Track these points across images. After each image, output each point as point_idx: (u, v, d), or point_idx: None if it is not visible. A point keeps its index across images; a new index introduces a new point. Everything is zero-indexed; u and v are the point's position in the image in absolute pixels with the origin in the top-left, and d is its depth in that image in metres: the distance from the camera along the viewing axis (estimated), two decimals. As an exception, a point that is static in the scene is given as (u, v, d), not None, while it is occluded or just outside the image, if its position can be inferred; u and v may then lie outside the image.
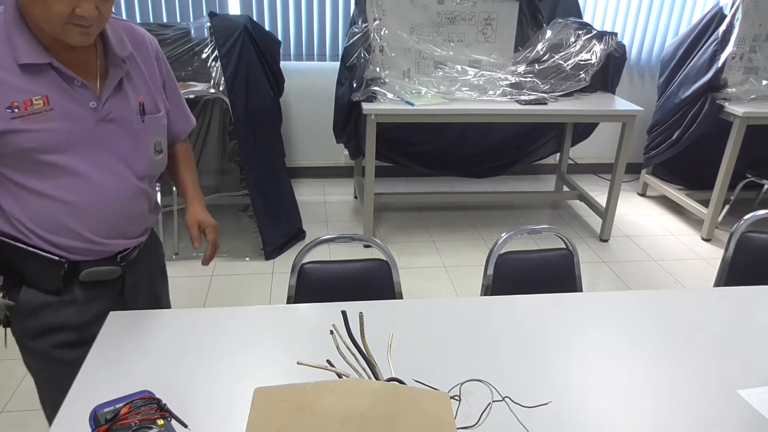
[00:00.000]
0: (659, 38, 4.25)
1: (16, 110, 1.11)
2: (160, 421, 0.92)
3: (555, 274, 1.76)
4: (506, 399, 1.07)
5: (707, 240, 3.58)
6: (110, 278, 1.32)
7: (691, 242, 3.57)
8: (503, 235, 1.74)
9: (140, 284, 1.43)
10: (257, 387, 0.83)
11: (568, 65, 3.34)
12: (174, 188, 3.18)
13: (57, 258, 1.23)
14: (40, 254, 1.22)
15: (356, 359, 0.90)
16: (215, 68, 3.02)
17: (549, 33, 3.38)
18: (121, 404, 0.94)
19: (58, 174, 1.17)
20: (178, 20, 3.71)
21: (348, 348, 0.90)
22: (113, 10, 1.19)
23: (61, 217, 1.20)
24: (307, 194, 4.04)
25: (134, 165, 1.27)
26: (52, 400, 1.31)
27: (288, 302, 1.60)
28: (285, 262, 3.18)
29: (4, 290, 1.26)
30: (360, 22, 3.19)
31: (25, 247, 1.21)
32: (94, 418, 0.94)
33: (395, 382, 0.85)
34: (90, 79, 1.19)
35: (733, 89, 3.47)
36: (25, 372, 2.25)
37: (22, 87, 1.11)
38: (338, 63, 3.29)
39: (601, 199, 3.59)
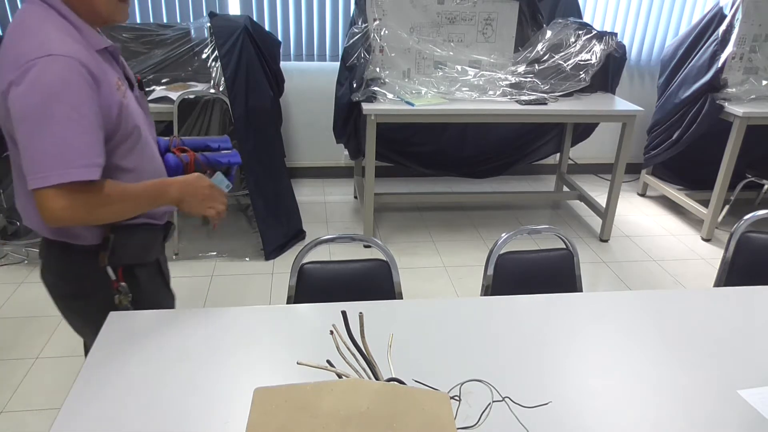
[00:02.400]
0: (659, 38, 4.25)
1: (118, 90, 1.19)
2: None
3: (555, 274, 1.76)
4: (506, 399, 1.07)
5: (707, 240, 3.58)
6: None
7: (691, 242, 3.57)
8: (503, 235, 1.74)
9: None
10: (257, 387, 0.83)
11: (568, 65, 3.34)
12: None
13: (159, 224, 1.37)
14: (150, 225, 1.34)
15: (356, 359, 0.90)
16: (215, 68, 3.01)
17: (549, 33, 3.38)
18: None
19: (143, 147, 1.26)
20: (178, 20, 3.71)
21: (348, 348, 0.90)
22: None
23: None
24: (307, 194, 4.04)
25: (152, 133, 1.39)
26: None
27: (288, 302, 1.60)
28: (285, 262, 3.18)
29: (123, 292, 1.32)
30: (360, 22, 3.19)
31: (135, 222, 1.30)
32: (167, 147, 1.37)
33: (395, 382, 0.85)
34: None
35: (733, 89, 3.47)
36: (25, 372, 2.25)
37: (108, 70, 1.17)
38: (338, 63, 3.29)
39: (601, 199, 3.59)
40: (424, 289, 2.98)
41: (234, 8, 3.75)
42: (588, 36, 3.37)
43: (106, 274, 1.30)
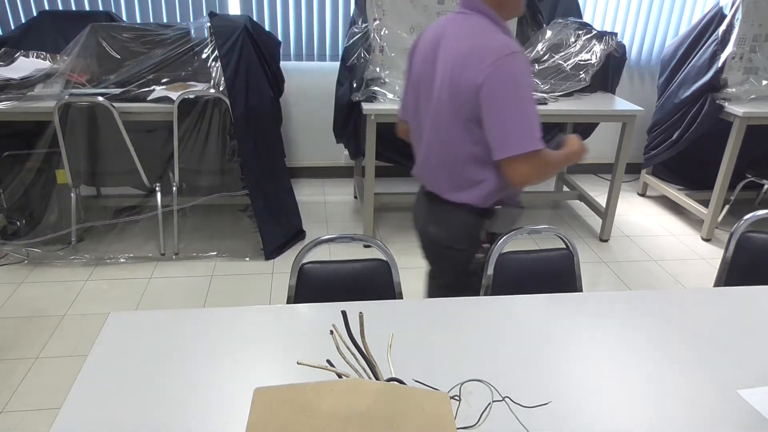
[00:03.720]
0: (659, 38, 4.25)
1: None
2: None
3: (555, 274, 1.76)
4: (506, 399, 1.07)
5: (707, 240, 3.58)
6: None
7: (691, 242, 3.57)
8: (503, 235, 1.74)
9: None
10: (257, 387, 0.83)
11: (568, 65, 3.34)
12: (174, 188, 3.18)
13: (521, 207, 1.70)
14: (518, 206, 1.68)
15: (356, 359, 0.90)
16: (215, 68, 3.01)
17: (549, 33, 3.38)
18: None
19: None
20: (178, 20, 3.71)
21: (348, 348, 0.90)
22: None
23: None
24: (307, 194, 4.04)
25: None
26: None
27: (288, 302, 1.60)
28: (285, 262, 3.18)
29: (484, 252, 1.66)
30: (360, 22, 3.19)
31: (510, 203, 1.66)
32: None
33: (395, 382, 0.85)
34: None
35: (733, 89, 3.47)
36: (25, 372, 2.25)
37: None
38: (338, 63, 3.29)
39: (601, 199, 3.59)
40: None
41: (234, 8, 3.75)
42: (588, 36, 3.37)
43: (478, 235, 1.64)
